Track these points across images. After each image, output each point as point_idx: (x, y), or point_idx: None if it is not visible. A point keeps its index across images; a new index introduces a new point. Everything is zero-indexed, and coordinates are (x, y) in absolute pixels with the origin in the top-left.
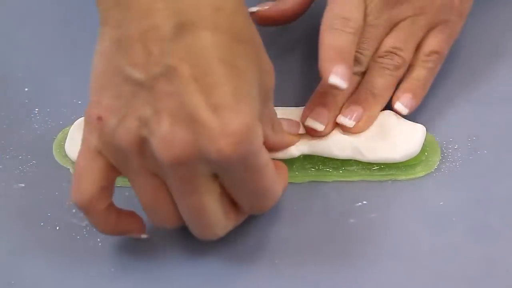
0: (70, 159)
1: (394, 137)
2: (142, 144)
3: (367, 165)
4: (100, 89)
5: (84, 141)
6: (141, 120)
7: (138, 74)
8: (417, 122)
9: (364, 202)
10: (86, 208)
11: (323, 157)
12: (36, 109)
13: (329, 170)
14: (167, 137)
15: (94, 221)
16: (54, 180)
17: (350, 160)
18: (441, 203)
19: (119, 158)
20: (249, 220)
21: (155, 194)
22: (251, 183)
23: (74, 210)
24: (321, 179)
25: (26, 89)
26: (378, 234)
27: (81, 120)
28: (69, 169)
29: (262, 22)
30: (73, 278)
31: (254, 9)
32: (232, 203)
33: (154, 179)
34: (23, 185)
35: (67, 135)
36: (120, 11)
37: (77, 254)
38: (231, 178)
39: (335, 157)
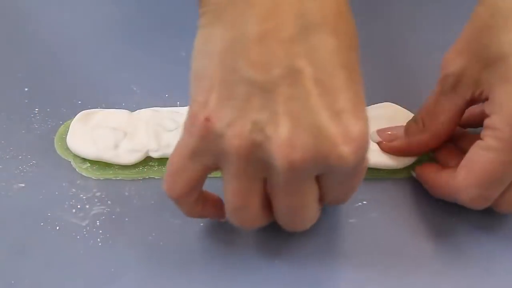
0: (71, 152)
1: None
2: (252, 149)
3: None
4: (208, 90)
5: (182, 141)
6: (256, 124)
7: (256, 75)
8: None
9: (364, 202)
10: (176, 201)
11: None
12: (36, 109)
13: None
14: (288, 142)
15: (181, 209)
16: (54, 180)
17: None
18: (441, 203)
19: (220, 161)
20: None
21: (246, 198)
22: (352, 182)
23: (74, 210)
24: None
25: (26, 89)
26: (378, 234)
27: (82, 113)
28: (70, 162)
29: (388, 152)
30: (73, 278)
31: (377, 138)
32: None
33: (248, 183)
34: (23, 185)
35: (68, 128)
36: (236, 11)
37: (77, 254)
38: (335, 179)
39: None
